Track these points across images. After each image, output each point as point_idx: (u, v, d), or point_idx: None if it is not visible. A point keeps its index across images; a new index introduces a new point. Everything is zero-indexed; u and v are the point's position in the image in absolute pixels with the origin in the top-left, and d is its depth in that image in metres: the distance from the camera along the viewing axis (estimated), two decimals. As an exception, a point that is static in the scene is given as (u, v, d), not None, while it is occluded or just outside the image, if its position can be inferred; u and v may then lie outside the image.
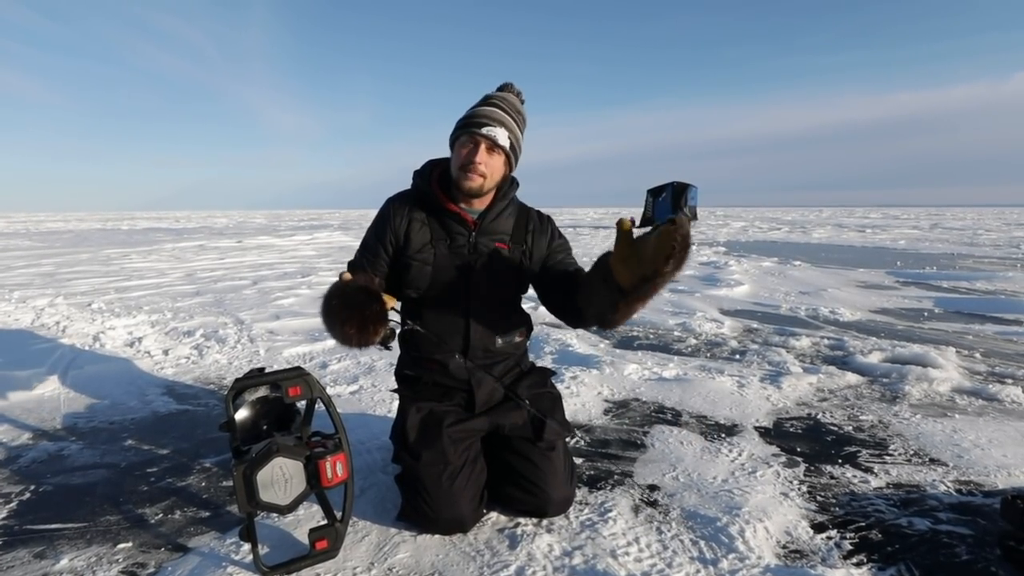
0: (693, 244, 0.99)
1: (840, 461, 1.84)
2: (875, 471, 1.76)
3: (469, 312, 1.50)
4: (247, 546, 1.34)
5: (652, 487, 1.66)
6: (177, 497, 1.62)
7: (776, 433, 2.07)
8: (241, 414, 1.30)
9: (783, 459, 1.84)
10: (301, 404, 1.36)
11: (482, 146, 1.41)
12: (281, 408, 1.37)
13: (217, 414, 2.26)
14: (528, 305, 1.75)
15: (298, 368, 1.35)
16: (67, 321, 3.89)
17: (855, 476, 1.73)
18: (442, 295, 1.49)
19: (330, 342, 1.61)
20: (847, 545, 1.38)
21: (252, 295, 5.20)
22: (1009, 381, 2.63)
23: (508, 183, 1.54)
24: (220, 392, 2.53)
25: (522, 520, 1.47)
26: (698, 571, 1.27)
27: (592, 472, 1.76)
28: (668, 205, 0.99)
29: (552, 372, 1.73)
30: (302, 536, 1.36)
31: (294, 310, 4.42)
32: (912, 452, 1.90)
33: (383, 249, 1.51)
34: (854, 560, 1.33)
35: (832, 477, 1.73)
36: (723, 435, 2.04)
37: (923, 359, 2.91)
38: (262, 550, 1.32)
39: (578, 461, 1.81)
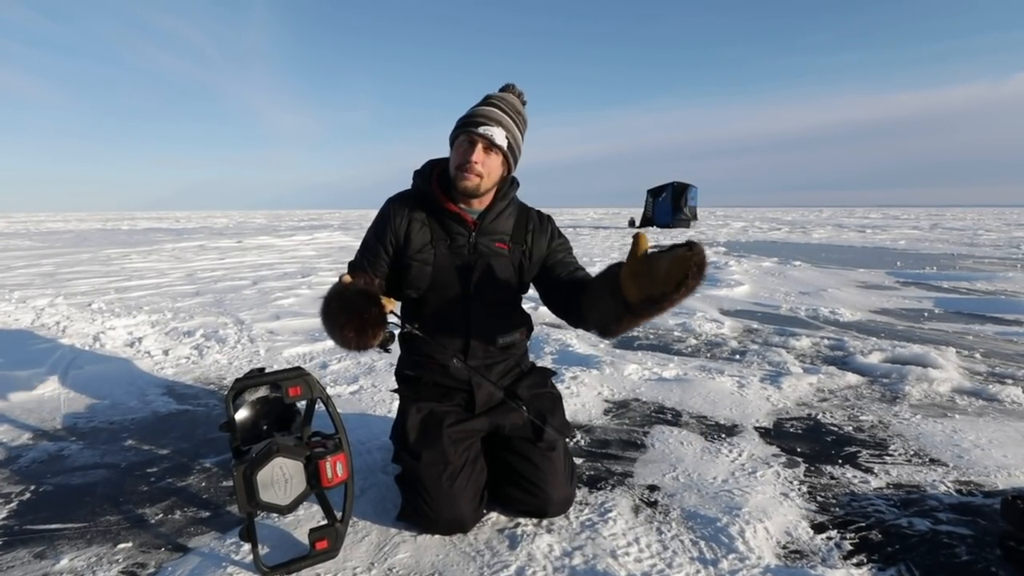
0: (707, 272, 0.99)
1: (840, 461, 1.84)
2: (875, 471, 1.76)
3: (469, 312, 1.50)
4: (247, 546, 1.33)
5: (652, 487, 1.66)
6: (177, 497, 1.62)
7: (776, 433, 2.06)
8: (241, 414, 1.30)
9: (783, 459, 1.84)
10: (301, 404, 1.36)
11: (479, 146, 1.41)
12: (281, 408, 1.37)
13: (217, 414, 2.26)
14: (528, 305, 1.75)
15: (298, 368, 1.35)
16: (67, 321, 3.89)
17: (855, 476, 1.73)
18: (442, 295, 1.49)
19: (330, 342, 1.61)
20: (847, 545, 1.38)
21: (252, 295, 5.20)
22: (1009, 381, 2.63)
23: (508, 183, 1.54)
24: (220, 392, 2.53)
25: (522, 520, 1.47)
26: (698, 571, 1.27)
27: (592, 472, 1.76)
28: (668, 205, 0.99)
29: (552, 372, 1.73)
30: (302, 536, 1.36)
31: (294, 310, 4.41)
32: (912, 452, 1.90)
33: (383, 249, 1.51)
34: (854, 560, 1.32)
35: (832, 477, 1.73)
36: (723, 435, 2.03)
37: (923, 359, 2.91)
38: (262, 550, 1.32)
39: (578, 461, 1.81)
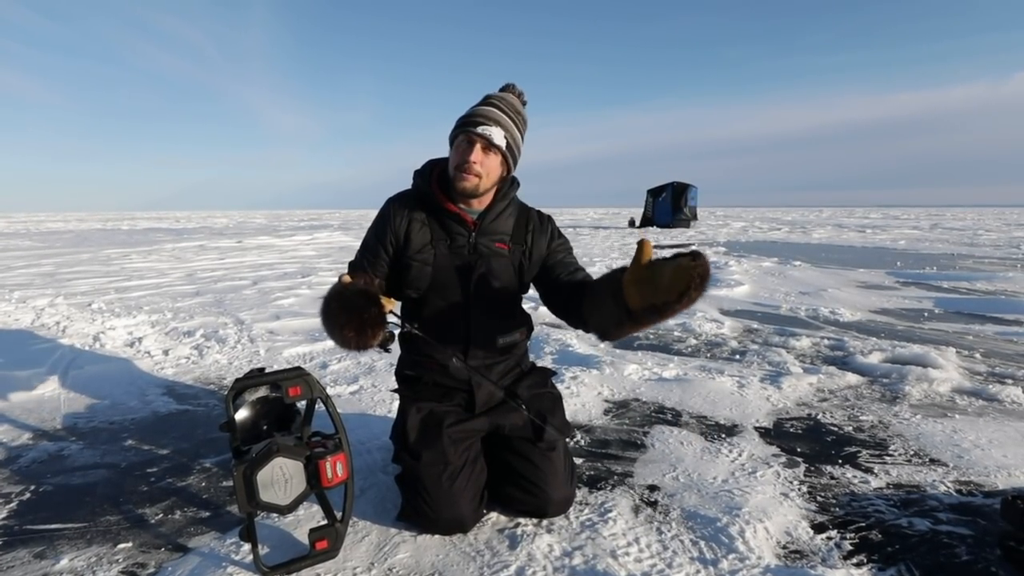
0: (710, 283, 0.99)
1: (840, 461, 1.84)
2: (875, 471, 1.76)
3: (469, 312, 1.50)
4: (247, 546, 1.33)
5: (652, 487, 1.66)
6: (177, 497, 1.62)
7: (776, 433, 2.06)
8: (241, 414, 1.30)
9: (783, 459, 1.84)
10: (301, 404, 1.36)
11: (477, 145, 1.41)
12: (281, 408, 1.37)
13: (217, 414, 2.26)
14: (528, 305, 1.75)
15: (298, 368, 1.35)
16: (67, 321, 3.89)
17: (855, 476, 1.73)
18: (442, 295, 1.49)
19: (330, 342, 1.61)
20: (847, 545, 1.38)
21: (252, 295, 5.20)
22: (1009, 381, 2.63)
23: (508, 183, 1.54)
24: (220, 392, 2.53)
25: (522, 520, 1.47)
26: (698, 571, 1.27)
27: (592, 472, 1.76)
28: (668, 205, 0.99)
29: (552, 372, 1.73)
30: (302, 536, 1.36)
31: (294, 310, 4.41)
32: (912, 452, 1.90)
33: (383, 250, 1.51)
34: (854, 560, 1.32)
35: (832, 477, 1.73)
36: (723, 435, 2.03)
37: (923, 359, 2.91)
38: (262, 550, 1.32)
39: (578, 461, 1.81)
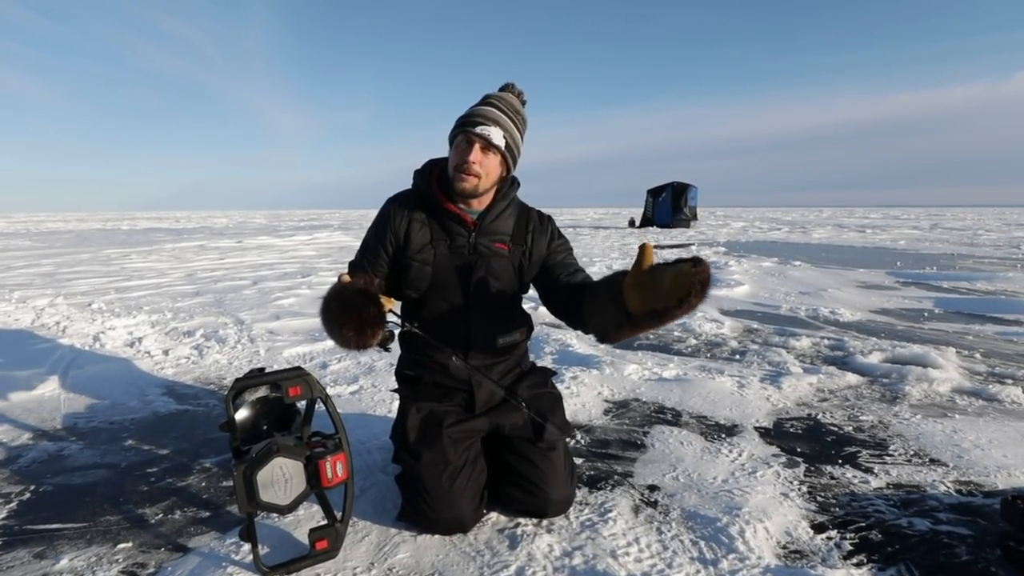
0: (711, 289, 0.99)
1: (840, 461, 1.84)
2: (875, 471, 1.76)
3: (469, 313, 1.50)
4: (247, 546, 1.34)
5: (652, 487, 1.66)
6: (177, 497, 1.62)
7: (776, 433, 2.06)
8: (241, 414, 1.30)
9: (783, 459, 1.84)
10: (301, 404, 1.36)
11: (476, 146, 1.41)
12: (281, 408, 1.37)
13: (217, 414, 2.26)
14: (528, 305, 1.75)
15: (298, 368, 1.35)
16: (67, 321, 3.89)
17: (855, 476, 1.73)
18: (442, 296, 1.49)
19: (330, 342, 1.61)
20: (847, 545, 1.38)
21: (252, 295, 5.20)
22: (1009, 381, 2.63)
23: (508, 183, 1.54)
24: (220, 392, 2.53)
25: (522, 520, 1.47)
26: (698, 571, 1.27)
27: (592, 472, 1.76)
28: (668, 205, 0.99)
29: (553, 372, 1.73)
30: (302, 536, 1.36)
31: (294, 310, 4.41)
32: (912, 452, 1.90)
33: (383, 250, 1.51)
34: (854, 560, 1.32)
35: (832, 477, 1.73)
36: (723, 435, 2.03)
37: (923, 359, 2.91)
38: (262, 550, 1.32)
39: (578, 461, 1.81)
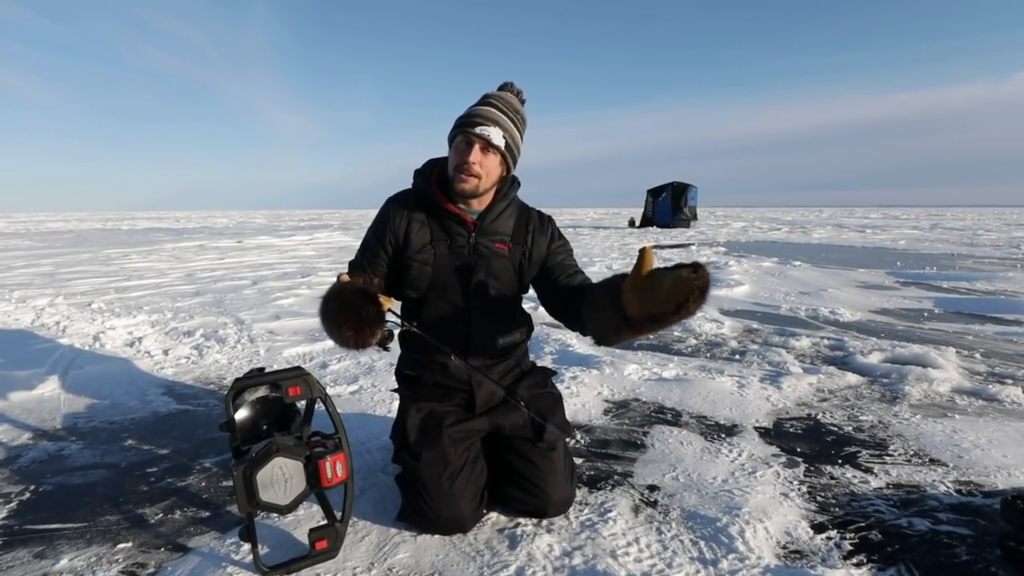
0: (710, 294, 0.99)
1: (840, 461, 1.84)
2: (875, 471, 1.76)
3: (469, 313, 1.50)
4: (247, 546, 1.33)
5: (652, 487, 1.66)
6: (177, 497, 1.62)
7: (776, 433, 2.06)
8: (241, 414, 1.30)
9: (783, 459, 1.84)
10: (301, 404, 1.36)
11: (476, 146, 1.41)
12: (281, 408, 1.37)
13: (217, 414, 2.26)
14: (528, 305, 1.75)
15: (298, 368, 1.35)
16: (67, 321, 3.89)
17: (855, 476, 1.73)
18: (442, 296, 1.49)
19: (330, 342, 1.61)
20: (847, 545, 1.38)
21: (252, 295, 5.20)
22: (1009, 381, 2.63)
23: (508, 183, 1.54)
24: (220, 392, 2.53)
25: (522, 520, 1.47)
26: (698, 571, 1.27)
27: (592, 472, 1.76)
28: (668, 205, 0.99)
29: (553, 372, 1.73)
30: (302, 536, 1.36)
31: (294, 310, 4.41)
32: (912, 452, 1.90)
33: (383, 249, 1.51)
34: (854, 560, 1.32)
35: (832, 477, 1.73)
36: (723, 435, 2.03)
37: (923, 359, 2.91)
38: (262, 550, 1.32)
39: (578, 461, 1.81)
